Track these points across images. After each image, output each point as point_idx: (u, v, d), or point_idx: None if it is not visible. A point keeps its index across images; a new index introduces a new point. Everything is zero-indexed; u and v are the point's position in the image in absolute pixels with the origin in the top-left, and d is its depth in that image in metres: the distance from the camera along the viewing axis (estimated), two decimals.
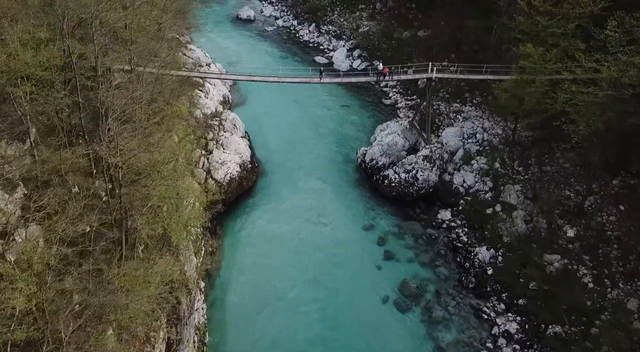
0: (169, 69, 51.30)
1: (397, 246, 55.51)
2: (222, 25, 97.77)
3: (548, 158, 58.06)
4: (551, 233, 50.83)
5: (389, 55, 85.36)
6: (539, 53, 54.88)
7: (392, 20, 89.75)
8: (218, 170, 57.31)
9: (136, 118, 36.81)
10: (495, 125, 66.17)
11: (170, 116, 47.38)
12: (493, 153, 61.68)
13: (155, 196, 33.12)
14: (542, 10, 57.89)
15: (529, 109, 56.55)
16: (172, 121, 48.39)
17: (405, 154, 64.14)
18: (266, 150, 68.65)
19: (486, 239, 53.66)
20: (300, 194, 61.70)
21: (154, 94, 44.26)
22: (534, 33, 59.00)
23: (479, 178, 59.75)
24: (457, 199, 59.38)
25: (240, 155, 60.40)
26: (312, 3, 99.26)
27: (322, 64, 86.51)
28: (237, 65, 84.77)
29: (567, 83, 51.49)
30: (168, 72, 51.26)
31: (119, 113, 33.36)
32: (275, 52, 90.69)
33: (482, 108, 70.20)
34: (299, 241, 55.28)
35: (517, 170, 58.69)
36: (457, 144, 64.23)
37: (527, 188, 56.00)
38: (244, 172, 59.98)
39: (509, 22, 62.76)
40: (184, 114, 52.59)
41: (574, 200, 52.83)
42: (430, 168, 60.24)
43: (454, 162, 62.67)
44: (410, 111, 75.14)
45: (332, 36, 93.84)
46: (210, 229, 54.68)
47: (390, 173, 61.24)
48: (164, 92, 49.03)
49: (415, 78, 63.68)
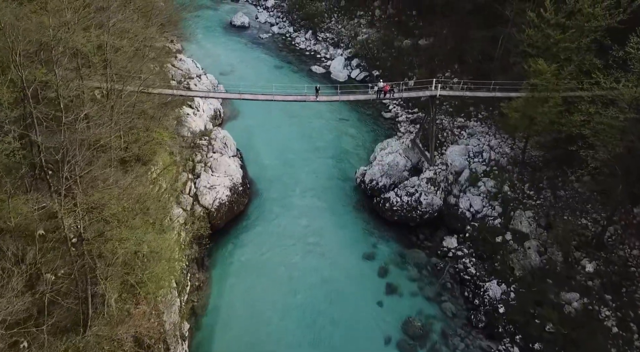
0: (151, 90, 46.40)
1: (399, 278, 50.66)
2: (215, 32, 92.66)
3: (561, 181, 53.21)
4: (568, 267, 46.00)
5: (388, 65, 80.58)
6: (552, 70, 49.95)
7: (392, 27, 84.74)
8: (206, 195, 52.40)
9: (105, 157, 31.80)
10: (503, 143, 61.25)
11: (149, 148, 42.27)
12: (501, 174, 56.81)
13: (123, 253, 28.15)
14: (554, 23, 53.00)
15: (541, 130, 51.59)
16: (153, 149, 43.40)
17: (407, 175, 59.28)
18: (259, 167, 63.76)
19: (496, 271, 48.79)
20: (296, 217, 56.84)
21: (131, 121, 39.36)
22: (545, 47, 54.12)
23: (487, 202, 54.90)
24: (463, 224, 54.52)
25: (230, 177, 55.49)
26: (308, 9, 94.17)
27: (318, 73, 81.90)
28: (230, 75, 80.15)
29: (583, 103, 46.66)
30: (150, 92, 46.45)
31: (82, 155, 28.39)
32: (270, 61, 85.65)
33: (488, 123, 65.31)
34: (293, 274, 50.40)
35: (528, 194, 53.82)
36: (463, 164, 59.32)
37: (540, 215, 51.13)
38: (234, 195, 55.07)
39: (517, 35, 57.83)
40: (165, 141, 47.44)
41: (591, 230, 48.01)
42: (434, 192, 55.37)
43: (459, 184, 57.80)
44: (411, 125, 70.24)
45: (329, 44, 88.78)
46: (197, 260, 49.84)
47: (392, 196, 56.36)
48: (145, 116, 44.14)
49: (418, 96, 58.46)
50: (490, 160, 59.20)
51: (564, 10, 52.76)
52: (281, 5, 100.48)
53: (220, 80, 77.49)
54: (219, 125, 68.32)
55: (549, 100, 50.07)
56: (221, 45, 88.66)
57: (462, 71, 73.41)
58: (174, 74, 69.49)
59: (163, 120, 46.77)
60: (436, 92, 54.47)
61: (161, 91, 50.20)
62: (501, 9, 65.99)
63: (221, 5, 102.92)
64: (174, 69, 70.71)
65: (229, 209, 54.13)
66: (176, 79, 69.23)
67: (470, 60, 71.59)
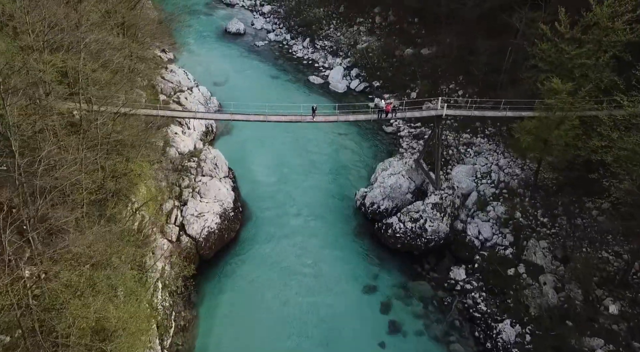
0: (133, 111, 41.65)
1: (403, 314, 46.05)
2: (209, 40, 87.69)
3: (578, 208, 48.57)
4: (589, 307, 41.37)
5: (389, 75, 75.83)
6: (567, 89, 45.24)
7: (392, 35, 79.93)
8: (193, 224, 47.73)
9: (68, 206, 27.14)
10: (512, 162, 56.57)
11: (127, 181, 37.51)
12: (512, 198, 52.16)
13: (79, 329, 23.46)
14: (569, 37, 48.33)
15: (556, 154, 46.88)
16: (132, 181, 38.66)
17: (410, 198, 54.62)
18: (253, 185, 59.06)
19: (509, 309, 44.11)
20: (291, 245, 52.16)
21: (107, 154, 34.66)
22: (558, 62, 49.52)
23: (497, 229, 50.27)
24: (471, 253, 49.89)
25: (220, 202, 50.83)
26: (306, 15, 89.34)
27: (316, 84, 77.14)
28: (224, 86, 75.47)
29: (604, 127, 42.06)
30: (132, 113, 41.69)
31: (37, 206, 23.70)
32: (266, 70, 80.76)
33: (495, 140, 60.62)
34: (288, 311, 45.76)
35: (542, 221, 49.14)
36: (470, 186, 54.66)
37: (556, 246, 46.52)
38: (225, 222, 50.40)
39: (529, 49, 53.14)
40: (146, 172, 42.71)
41: (614, 265, 43.37)
42: (440, 218, 50.68)
43: (466, 208, 53.16)
44: (414, 140, 65.48)
45: (327, 52, 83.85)
46: (183, 296, 45.19)
47: (395, 221, 51.71)
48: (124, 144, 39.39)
49: (422, 116, 53.47)
50: (500, 182, 54.53)
51: (581, 23, 48.11)
52: (278, 11, 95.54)
53: (214, 91, 72.88)
54: (211, 141, 63.72)
55: (565, 122, 45.41)
56: (215, 54, 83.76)
57: (467, 83, 68.74)
58: (163, 87, 64.81)
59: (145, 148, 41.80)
60: (442, 111, 49.72)
61: (145, 112, 45.42)
62: (509, 18, 61.31)
63: (216, 10, 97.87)
64: (164, 82, 65.97)
65: (218, 238, 49.48)
66: (166, 93, 64.57)
67: (475, 72, 66.83)
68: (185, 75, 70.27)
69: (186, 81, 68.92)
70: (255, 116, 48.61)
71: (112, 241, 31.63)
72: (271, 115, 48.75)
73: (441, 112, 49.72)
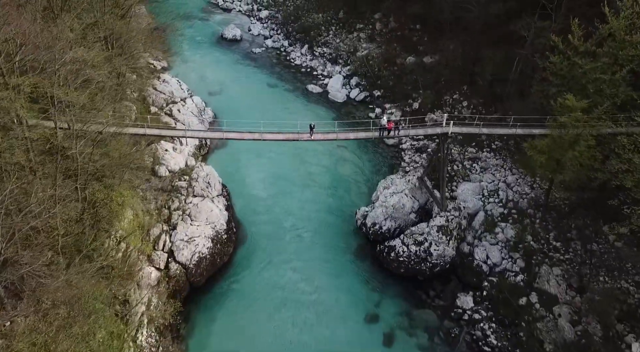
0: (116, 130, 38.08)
1: (408, 347, 42.63)
2: (205, 47, 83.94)
3: (593, 232, 45.02)
4: (609, 344, 37.89)
5: (390, 84, 72.24)
6: (582, 106, 41.72)
7: (394, 43, 76.29)
8: (183, 250, 44.18)
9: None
10: (521, 180, 53.04)
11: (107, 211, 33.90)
12: (521, 219, 48.66)
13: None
14: (583, 50, 44.81)
15: (571, 175, 43.34)
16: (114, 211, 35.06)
17: (414, 218, 51.13)
18: (248, 202, 55.55)
19: (521, 344, 40.64)
20: (288, 269, 48.68)
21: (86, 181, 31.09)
22: (570, 76, 46.09)
23: (506, 253, 46.77)
24: (479, 279, 46.39)
25: (213, 225, 47.28)
26: (304, 21, 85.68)
27: (315, 93, 73.55)
28: (219, 96, 71.94)
29: (624, 150, 38.58)
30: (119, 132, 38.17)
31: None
32: (263, 78, 77.08)
33: (502, 155, 57.10)
34: (284, 342, 42.32)
35: (554, 246, 45.65)
36: (477, 205, 51.17)
37: (571, 273, 43.04)
38: (217, 246, 46.88)
39: (540, 62, 49.67)
40: (130, 200, 39.10)
41: (635, 297, 39.86)
42: (446, 241, 47.15)
43: (473, 229, 49.65)
44: (416, 154, 61.90)
45: (326, 60, 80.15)
46: (171, 327, 41.67)
47: (398, 244, 48.21)
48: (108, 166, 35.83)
49: (427, 134, 49.67)
50: (508, 201, 51.02)
51: (595, 36, 44.59)
52: (275, 16, 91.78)
53: (209, 101, 69.31)
54: (205, 155, 60.14)
55: (579, 142, 41.88)
56: (211, 61, 79.98)
57: (471, 94, 65.20)
58: (154, 99, 61.23)
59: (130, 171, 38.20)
60: (448, 128, 46.12)
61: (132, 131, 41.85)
62: (516, 27, 57.73)
63: (212, 15, 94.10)
64: (156, 93, 62.39)
65: (210, 263, 45.97)
66: (157, 105, 61.00)
67: (480, 82, 63.31)
68: (179, 85, 66.69)
69: (179, 92, 65.33)
70: (250, 134, 45.04)
71: (89, 283, 28.02)
72: (266, 133, 45.16)
73: (447, 130, 46.13)
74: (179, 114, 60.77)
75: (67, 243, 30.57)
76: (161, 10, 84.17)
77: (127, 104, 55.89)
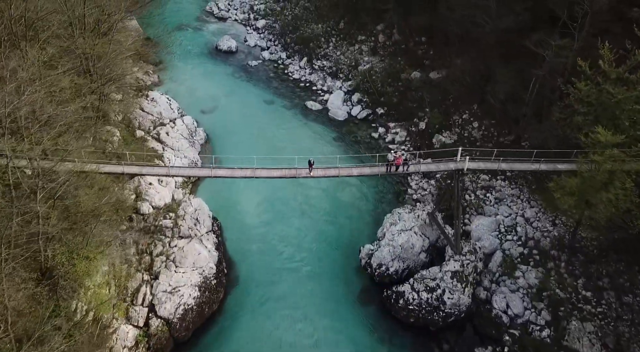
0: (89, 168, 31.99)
1: None
2: (198, 59, 77.58)
3: (628, 281, 39.03)
4: None
5: (394, 101, 66.11)
6: (617, 141, 35.65)
7: (398, 56, 70.16)
8: (166, 303, 38.13)
9: None
10: (541, 214, 47.01)
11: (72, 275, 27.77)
12: (544, 262, 42.67)
13: None
14: (615, 77, 38.71)
15: (603, 218, 37.25)
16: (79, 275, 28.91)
17: (424, 258, 45.15)
18: (241, 237, 49.70)
19: None
20: (284, 317, 42.94)
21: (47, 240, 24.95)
22: (599, 103, 40.01)
23: (529, 302, 40.75)
24: (499, 331, 40.39)
25: (200, 270, 41.27)
26: (303, 31, 79.43)
27: (314, 110, 67.44)
28: (212, 115, 65.81)
29: None
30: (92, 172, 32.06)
31: None
32: (259, 94, 70.85)
33: (519, 184, 51.08)
34: None
35: (584, 295, 39.62)
36: (493, 244, 45.19)
37: (605, 331, 37.06)
38: (205, 294, 40.88)
39: (564, 88, 43.63)
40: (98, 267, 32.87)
41: None
42: (461, 289, 41.11)
43: (490, 272, 43.66)
44: (424, 180, 55.78)
45: (326, 74, 73.92)
46: None
47: (407, 290, 42.24)
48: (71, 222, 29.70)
49: (439, 170, 43.19)
50: (528, 239, 45.02)
51: (630, 62, 38.46)
52: (273, 26, 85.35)
53: (201, 121, 63.23)
54: (194, 182, 53.84)
55: (614, 182, 35.82)
56: (204, 75, 73.60)
57: (482, 114, 59.13)
58: (140, 121, 55.11)
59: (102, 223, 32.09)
60: (463, 164, 40.03)
61: (106, 169, 35.76)
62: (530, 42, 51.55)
63: (206, 25, 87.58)
64: (143, 114, 56.26)
65: (197, 314, 40.01)
66: (144, 129, 54.88)
67: (492, 101, 57.06)
68: (169, 104, 60.53)
69: (169, 112, 59.23)
70: (241, 171, 39.05)
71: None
72: (260, 169, 39.02)
73: (462, 166, 40.04)
74: (167, 138, 54.76)
75: (17, 329, 24.51)
76: (153, 20, 78.15)
77: (109, 129, 49.90)
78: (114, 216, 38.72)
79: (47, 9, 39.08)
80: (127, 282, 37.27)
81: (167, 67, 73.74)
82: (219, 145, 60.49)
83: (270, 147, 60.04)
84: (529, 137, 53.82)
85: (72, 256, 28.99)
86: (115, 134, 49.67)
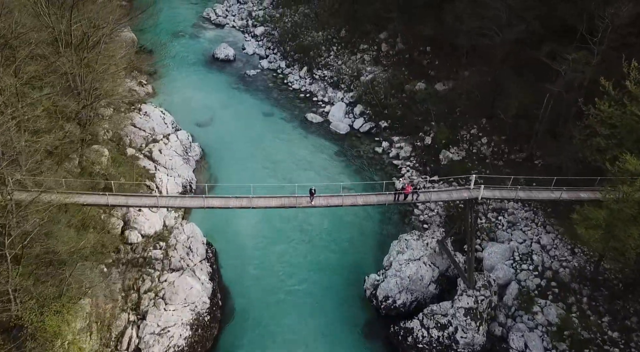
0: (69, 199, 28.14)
1: None
2: (194, 68, 73.65)
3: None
4: None
5: (398, 114, 62.26)
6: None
7: (401, 66, 66.37)
8: (153, 347, 34.30)
9: None
10: (558, 241, 43.28)
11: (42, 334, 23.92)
12: (565, 296, 38.92)
13: None
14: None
15: (634, 256, 33.53)
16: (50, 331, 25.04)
17: (434, 290, 41.36)
18: (237, 264, 45.88)
19: None
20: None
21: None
22: (623, 124, 36.33)
23: (549, 342, 36.95)
24: None
25: (192, 306, 37.44)
26: (303, 39, 75.61)
27: (315, 123, 63.66)
28: (208, 128, 62.04)
29: None
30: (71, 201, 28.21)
31: None
32: (257, 105, 66.98)
33: (532, 206, 47.33)
34: None
35: (611, 337, 35.85)
36: (507, 273, 41.47)
37: None
38: (197, 332, 37.07)
39: (585, 109, 39.91)
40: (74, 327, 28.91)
41: None
42: (475, 328, 37.30)
43: (505, 306, 39.93)
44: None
45: (327, 84, 70.02)
46: None
47: (416, 327, 38.47)
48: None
49: (452, 199, 39.18)
50: (545, 269, 41.27)
51: None
52: (272, 33, 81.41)
53: (196, 135, 59.42)
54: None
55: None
56: (200, 86, 69.62)
57: (492, 129, 55.51)
58: (132, 138, 51.28)
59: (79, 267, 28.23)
60: (478, 193, 36.21)
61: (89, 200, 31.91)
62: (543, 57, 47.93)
63: (203, 32, 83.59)
64: (134, 130, 52.43)
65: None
66: (135, 146, 51.04)
67: (502, 116, 53.29)
68: (162, 118, 56.68)
69: (162, 126, 55.40)
70: (237, 200, 35.13)
71: None
72: (257, 198, 35.21)
73: (476, 195, 36.22)
74: (160, 156, 50.97)
75: None
76: (148, 28, 74.25)
77: (96, 148, 46.10)
78: (99, 249, 35.03)
79: (27, 26, 35.18)
80: (112, 324, 33.45)
81: (162, 77, 69.92)
82: (215, 161, 56.73)
83: (269, 162, 56.46)
84: (543, 154, 50.25)
85: (41, 310, 25.18)
86: (104, 154, 45.84)
